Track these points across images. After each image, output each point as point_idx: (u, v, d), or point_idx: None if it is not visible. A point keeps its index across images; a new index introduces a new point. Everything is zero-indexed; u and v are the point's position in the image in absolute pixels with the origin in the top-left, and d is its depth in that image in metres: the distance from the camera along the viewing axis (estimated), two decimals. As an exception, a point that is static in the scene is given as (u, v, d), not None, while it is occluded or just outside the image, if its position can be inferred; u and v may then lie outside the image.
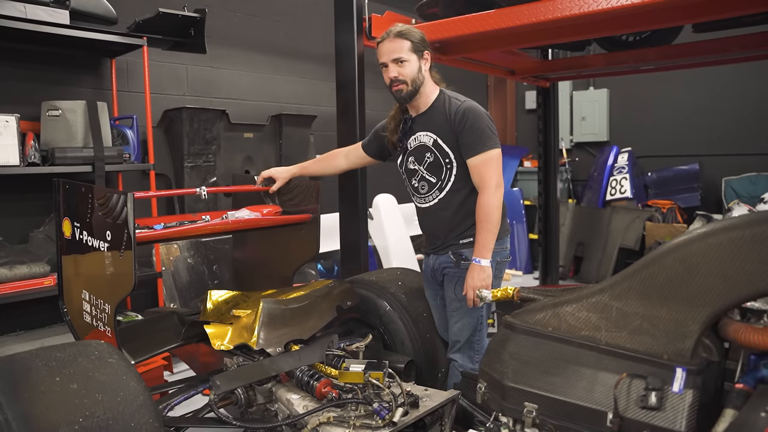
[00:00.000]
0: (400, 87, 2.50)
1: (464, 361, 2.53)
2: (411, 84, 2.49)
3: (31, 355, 1.76)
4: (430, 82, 2.56)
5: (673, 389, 1.28)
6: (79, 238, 2.32)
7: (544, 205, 5.83)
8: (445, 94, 2.57)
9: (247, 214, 2.64)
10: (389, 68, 2.51)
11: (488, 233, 2.39)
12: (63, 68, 3.85)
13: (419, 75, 2.50)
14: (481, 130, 2.43)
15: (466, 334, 2.52)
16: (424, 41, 2.53)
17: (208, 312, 2.54)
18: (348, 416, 1.95)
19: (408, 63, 2.47)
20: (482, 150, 2.42)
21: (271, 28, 5.17)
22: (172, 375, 3.61)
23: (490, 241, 2.40)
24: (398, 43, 2.47)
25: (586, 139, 7.43)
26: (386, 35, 2.52)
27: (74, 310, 2.42)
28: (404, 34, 2.48)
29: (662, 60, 4.60)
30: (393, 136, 2.66)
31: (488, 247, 2.40)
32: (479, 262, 2.39)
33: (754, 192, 6.18)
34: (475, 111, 2.47)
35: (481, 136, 2.43)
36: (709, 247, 1.30)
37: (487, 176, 2.41)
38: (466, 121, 2.44)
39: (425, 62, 2.52)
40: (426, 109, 2.57)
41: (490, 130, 2.45)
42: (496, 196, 2.40)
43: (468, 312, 2.49)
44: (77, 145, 3.42)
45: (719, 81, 6.42)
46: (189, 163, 4.22)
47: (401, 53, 2.47)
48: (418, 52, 2.50)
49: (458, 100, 2.52)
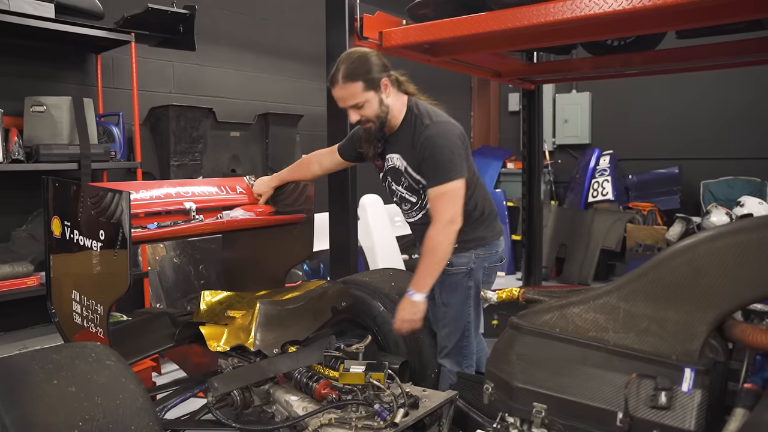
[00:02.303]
0: (367, 126, 2.37)
1: (453, 366, 2.52)
2: (377, 120, 2.33)
3: (27, 358, 1.72)
4: (398, 103, 2.38)
5: (683, 389, 1.30)
6: (69, 237, 2.27)
7: (527, 206, 5.89)
8: (412, 113, 2.38)
9: (241, 213, 2.61)
10: (349, 113, 2.33)
11: (429, 267, 2.29)
12: (46, 63, 3.77)
13: (382, 108, 2.31)
14: (439, 161, 2.26)
15: (454, 339, 2.50)
16: (379, 68, 2.29)
17: (201, 313, 2.51)
18: (349, 417, 1.94)
19: (367, 104, 2.28)
20: (439, 182, 2.26)
21: (258, 26, 5.13)
22: (160, 376, 3.56)
23: (429, 276, 2.29)
24: (348, 89, 2.26)
25: (568, 142, 7.53)
26: (334, 80, 2.29)
27: (63, 311, 2.37)
28: (353, 74, 2.25)
29: (646, 65, 4.68)
30: (368, 151, 2.55)
31: (425, 283, 2.30)
32: (412, 295, 2.30)
33: (731, 195, 6.33)
34: (435, 140, 2.27)
35: (438, 168, 2.27)
36: (717, 250, 1.32)
37: (439, 211, 2.27)
38: (425, 151, 2.29)
39: (386, 89, 2.30)
40: (395, 130, 2.42)
41: (450, 161, 2.26)
42: (445, 232, 2.25)
43: (455, 317, 2.49)
44: (62, 142, 3.35)
45: (699, 86, 6.56)
46: (175, 162, 4.16)
47: (356, 99, 2.27)
48: (375, 87, 2.27)
49: (423, 124, 2.32)
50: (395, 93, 2.37)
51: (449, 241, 2.28)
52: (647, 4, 2.76)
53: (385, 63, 2.35)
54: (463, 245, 2.46)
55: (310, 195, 2.82)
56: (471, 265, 2.46)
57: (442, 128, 2.31)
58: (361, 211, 5.32)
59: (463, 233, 2.45)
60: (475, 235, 2.48)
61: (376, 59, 2.31)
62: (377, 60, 2.31)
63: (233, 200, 2.77)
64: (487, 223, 2.52)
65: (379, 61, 2.32)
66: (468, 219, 2.44)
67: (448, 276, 2.47)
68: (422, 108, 2.39)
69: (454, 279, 2.48)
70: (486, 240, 2.50)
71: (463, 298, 2.47)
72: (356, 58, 2.29)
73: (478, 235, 2.49)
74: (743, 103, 6.44)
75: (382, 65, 2.32)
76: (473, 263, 2.46)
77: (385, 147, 2.50)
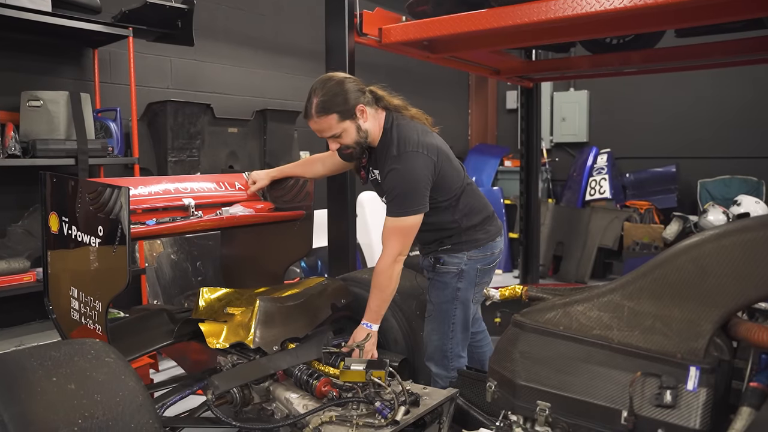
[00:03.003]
0: (348, 152, 2.34)
1: (438, 370, 2.51)
2: (356, 146, 2.31)
3: (25, 354, 1.70)
4: (375, 123, 2.32)
5: (688, 387, 1.30)
6: (67, 233, 2.25)
7: (525, 204, 5.88)
8: (387, 135, 2.32)
9: (240, 210, 2.60)
10: (329, 142, 2.31)
11: (379, 302, 2.31)
12: (43, 57, 3.73)
13: (360, 134, 2.28)
14: (397, 196, 2.24)
15: (435, 339, 2.50)
16: (354, 95, 2.25)
17: (200, 310, 2.49)
18: (350, 415, 1.93)
19: (344, 133, 2.26)
20: (394, 215, 2.25)
21: (256, 22, 5.10)
22: (158, 373, 3.54)
23: (381, 309, 2.33)
24: (324, 122, 2.23)
25: (565, 140, 7.54)
26: (307, 113, 2.25)
27: (61, 308, 2.35)
28: (325, 108, 2.21)
29: (645, 63, 4.67)
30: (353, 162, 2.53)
31: (378, 315, 2.32)
32: (367, 325, 2.33)
33: (727, 194, 6.34)
34: (397, 176, 2.23)
35: (396, 202, 2.25)
36: (723, 248, 1.32)
37: (388, 245, 2.27)
38: (386, 183, 2.28)
39: (362, 114, 2.27)
40: (376, 145, 2.38)
41: (409, 198, 2.23)
42: (392, 269, 2.27)
43: (439, 317, 2.48)
44: (59, 137, 3.32)
45: (697, 86, 6.57)
46: (173, 158, 4.14)
47: (332, 131, 2.25)
48: (350, 116, 2.24)
49: (393, 154, 2.27)
50: (373, 113, 2.33)
51: (396, 276, 2.30)
52: (648, 2, 2.76)
53: (360, 86, 2.30)
54: (456, 247, 2.45)
55: (309, 192, 2.81)
56: (462, 266, 2.44)
57: (408, 161, 2.23)
58: (359, 209, 5.31)
59: (455, 237, 2.45)
60: (468, 238, 2.46)
61: (351, 85, 2.26)
62: (352, 86, 2.26)
63: (232, 196, 2.76)
64: (479, 227, 2.49)
65: (353, 86, 2.26)
66: (458, 228, 2.44)
67: (438, 274, 2.46)
68: (395, 132, 2.31)
69: (444, 278, 2.47)
70: (479, 242, 2.47)
71: (450, 297, 2.46)
72: (328, 89, 2.23)
73: (472, 238, 2.47)
74: (741, 103, 6.45)
75: (356, 90, 2.27)
76: (465, 264, 2.45)
77: (369, 160, 2.46)
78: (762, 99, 6.33)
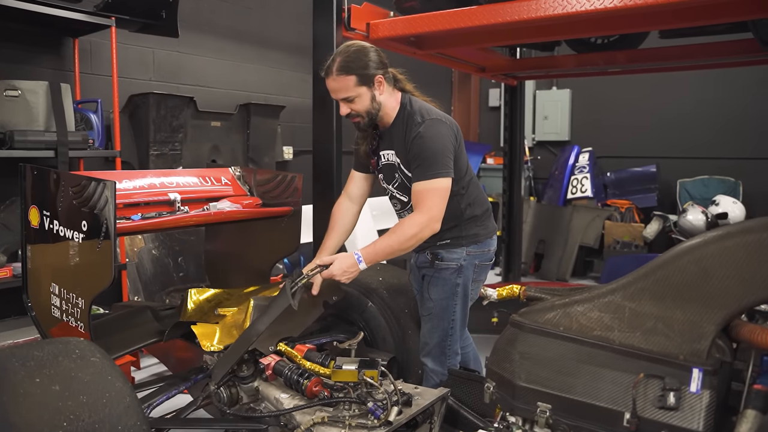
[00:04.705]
0: (356, 120, 2.34)
1: (435, 366, 2.48)
2: (366, 116, 2.30)
3: (6, 354, 1.63)
4: (390, 99, 2.34)
5: (691, 389, 1.29)
6: (48, 228, 2.18)
7: (508, 202, 5.90)
8: (405, 110, 2.35)
9: (228, 205, 2.54)
10: (340, 105, 2.31)
11: (388, 248, 2.22)
12: (21, 46, 3.61)
13: (373, 104, 2.29)
14: (428, 158, 2.23)
15: (436, 336, 2.47)
16: (377, 64, 2.26)
17: (189, 312, 2.43)
18: (342, 416, 1.89)
19: (358, 98, 2.26)
20: (427, 178, 2.22)
21: (241, 14, 5.02)
22: (139, 371, 3.47)
23: (383, 256, 2.24)
24: (342, 81, 2.23)
25: (547, 138, 7.58)
26: (328, 70, 2.25)
27: (40, 304, 2.27)
28: (348, 68, 2.22)
29: (629, 63, 4.72)
30: (362, 144, 2.50)
31: (375, 258, 2.24)
32: (358, 259, 2.23)
33: (706, 194, 6.45)
34: (426, 138, 2.23)
35: (427, 164, 2.22)
36: (726, 250, 1.32)
37: (426, 204, 2.20)
38: (415, 147, 2.25)
39: (379, 85, 2.28)
40: (389, 126, 2.39)
41: (440, 160, 2.22)
42: (420, 228, 2.18)
43: (439, 313, 2.45)
44: (38, 129, 3.21)
45: (677, 87, 6.65)
46: (155, 151, 4.05)
47: (348, 92, 2.25)
48: (368, 83, 2.25)
49: (415, 121, 2.28)
50: (389, 90, 2.34)
51: (422, 237, 2.21)
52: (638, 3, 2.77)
53: (383, 60, 2.31)
54: (455, 241, 2.44)
55: (297, 187, 2.76)
56: (462, 262, 2.43)
57: (434, 126, 2.26)
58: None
59: (456, 230, 2.43)
60: (468, 232, 2.45)
61: (374, 55, 2.27)
62: (375, 56, 2.28)
63: (219, 191, 2.70)
64: (480, 221, 2.49)
65: (377, 57, 2.28)
66: (461, 217, 2.43)
67: (438, 271, 2.44)
68: (416, 105, 2.36)
69: (443, 274, 2.45)
70: (478, 237, 2.47)
71: (449, 294, 2.44)
72: (353, 52, 2.25)
73: (471, 233, 2.46)
74: (720, 105, 6.55)
75: (379, 62, 2.28)
76: (464, 260, 2.44)
77: (379, 143, 2.46)
78: (740, 101, 6.44)
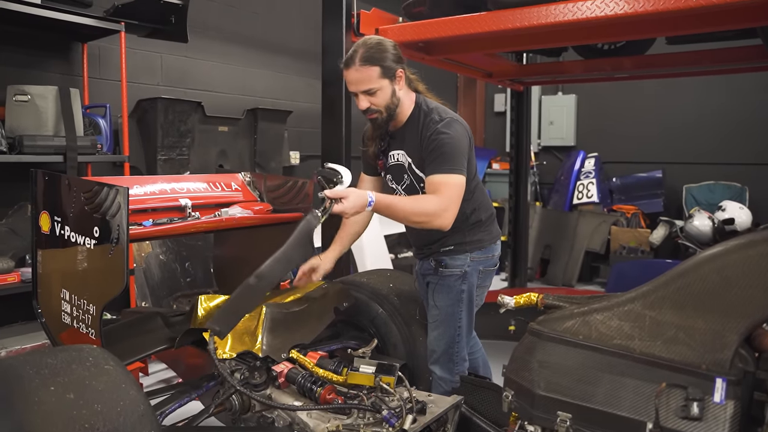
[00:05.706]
0: (374, 116, 2.29)
1: (443, 374, 2.45)
2: (386, 111, 2.27)
3: (20, 362, 1.62)
4: (407, 98, 2.34)
5: (715, 400, 1.28)
6: (59, 234, 2.17)
7: (514, 207, 5.88)
8: (421, 109, 2.33)
9: (239, 211, 2.54)
10: (359, 98, 2.25)
11: (401, 208, 2.16)
12: (30, 51, 3.62)
13: (393, 99, 2.26)
14: (445, 153, 2.19)
15: (443, 344, 2.44)
16: (396, 58, 2.25)
17: (200, 318, 2.42)
18: (356, 424, 1.88)
19: (380, 91, 2.22)
20: (443, 172, 2.18)
21: (248, 20, 5.03)
22: (147, 377, 3.46)
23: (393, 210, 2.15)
24: (365, 72, 2.18)
25: (553, 143, 7.57)
26: (350, 61, 2.21)
27: (51, 311, 2.26)
28: (371, 59, 2.18)
29: (636, 69, 4.71)
30: (371, 146, 2.48)
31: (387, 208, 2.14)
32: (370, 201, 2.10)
33: (712, 200, 6.42)
34: (444, 135, 2.20)
35: (443, 160, 2.19)
36: (749, 258, 1.30)
37: (447, 192, 2.16)
38: (433, 143, 2.22)
39: (399, 81, 2.26)
40: (402, 125, 2.37)
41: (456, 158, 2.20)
42: (442, 210, 2.14)
43: (445, 320, 2.43)
44: (47, 133, 3.22)
45: (684, 92, 6.64)
46: (162, 156, 4.05)
47: (370, 84, 2.20)
48: (390, 76, 2.22)
49: (433, 120, 2.26)
50: (406, 88, 2.34)
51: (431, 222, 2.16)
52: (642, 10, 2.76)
53: (400, 55, 2.30)
54: (459, 247, 2.42)
55: (308, 193, 2.76)
56: (466, 268, 2.41)
57: (452, 126, 2.25)
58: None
59: (460, 235, 2.41)
60: (472, 238, 2.43)
61: (394, 50, 2.27)
62: (394, 50, 2.27)
63: (229, 197, 2.70)
64: (484, 227, 2.48)
65: (396, 51, 2.27)
66: (466, 222, 2.40)
67: (442, 278, 2.42)
68: (431, 104, 2.35)
69: (447, 281, 2.43)
70: (483, 243, 2.45)
71: (455, 300, 2.42)
72: (375, 44, 2.23)
73: (475, 238, 2.44)
74: (725, 110, 6.54)
75: (398, 56, 2.27)
76: (468, 266, 2.41)
77: (389, 144, 2.44)
78: (746, 107, 6.42)
